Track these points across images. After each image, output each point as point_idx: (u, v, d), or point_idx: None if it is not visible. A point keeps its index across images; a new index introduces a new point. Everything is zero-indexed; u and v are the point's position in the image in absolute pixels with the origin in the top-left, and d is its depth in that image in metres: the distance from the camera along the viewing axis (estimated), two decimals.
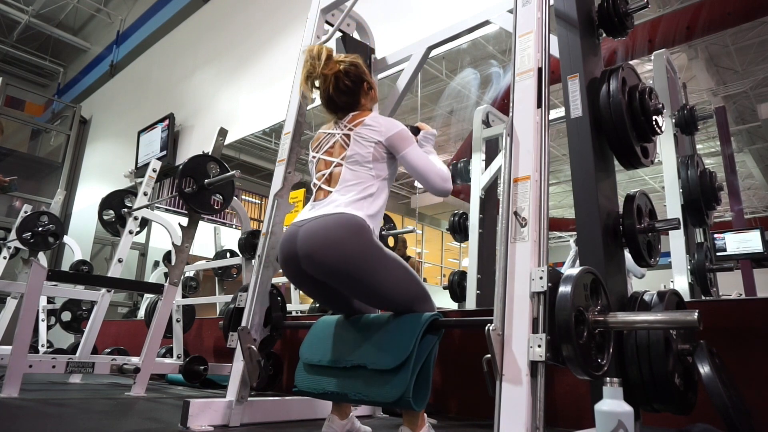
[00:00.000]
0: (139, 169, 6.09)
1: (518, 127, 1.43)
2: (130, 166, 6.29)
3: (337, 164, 1.61)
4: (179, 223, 3.03)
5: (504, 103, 4.89)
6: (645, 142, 1.65)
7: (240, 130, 5.08)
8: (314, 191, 1.65)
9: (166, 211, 7.32)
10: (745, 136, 8.06)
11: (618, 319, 1.28)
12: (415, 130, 1.74)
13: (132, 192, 3.84)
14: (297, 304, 4.18)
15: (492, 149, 3.53)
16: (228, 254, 4.48)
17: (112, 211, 3.73)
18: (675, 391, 1.32)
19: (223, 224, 7.70)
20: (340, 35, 2.51)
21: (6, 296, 4.17)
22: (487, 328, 1.24)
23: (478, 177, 3.46)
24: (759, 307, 1.78)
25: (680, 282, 2.71)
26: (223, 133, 3.33)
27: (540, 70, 1.45)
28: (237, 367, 1.92)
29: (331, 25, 2.41)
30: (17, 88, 9.06)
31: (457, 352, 2.42)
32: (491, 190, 3.46)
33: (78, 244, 5.60)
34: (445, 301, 4.09)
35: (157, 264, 6.74)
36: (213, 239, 5.12)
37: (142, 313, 4.83)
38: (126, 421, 1.85)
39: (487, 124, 3.57)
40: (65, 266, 6.57)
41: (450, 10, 3.17)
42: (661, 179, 3.27)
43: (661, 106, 1.64)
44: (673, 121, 3.00)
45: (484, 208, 3.42)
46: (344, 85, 1.67)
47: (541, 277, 1.25)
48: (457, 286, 3.70)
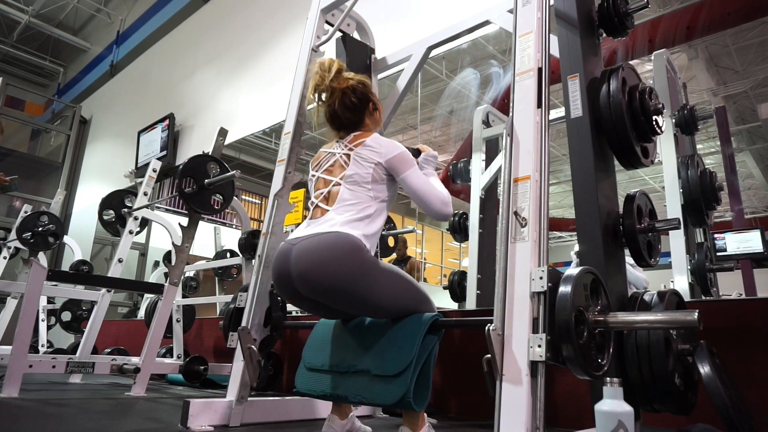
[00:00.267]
0: (139, 169, 6.09)
1: (518, 127, 1.43)
2: (130, 166, 6.28)
3: (336, 183, 1.58)
4: (179, 223, 3.03)
5: (504, 103, 4.90)
6: (645, 142, 1.65)
7: (240, 130, 5.08)
8: (311, 209, 1.63)
9: (166, 211, 7.33)
10: (746, 136, 8.06)
11: (618, 319, 1.28)
12: (416, 152, 1.72)
13: (132, 192, 3.84)
14: None
15: (492, 149, 3.53)
16: (228, 254, 4.48)
17: (112, 211, 3.73)
18: (675, 391, 1.32)
19: (223, 224, 7.71)
20: (340, 35, 2.51)
21: (6, 296, 4.17)
22: (487, 328, 1.24)
23: (478, 177, 3.46)
24: (759, 307, 1.78)
25: (680, 282, 2.71)
26: (223, 133, 3.32)
27: (540, 70, 1.45)
28: (237, 367, 1.92)
29: (331, 25, 2.41)
30: (17, 88, 9.06)
31: (458, 352, 2.42)
32: (491, 190, 3.46)
33: (78, 244, 5.60)
34: (445, 301, 4.09)
35: (157, 264, 6.74)
36: (213, 239, 5.12)
37: (142, 313, 4.83)
38: (126, 421, 1.85)
39: (487, 124, 3.57)
40: (65, 266, 6.57)
41: (450, 10, 3.17)
42: (661, 179, 3.27)
43: (661, 106, 1.64)
44: (673, 121, 3.00)
45: (484, 208, 3.42)
46: (350, 102, 1.66)
47: (541, 277, 1.25)
48: (457, 286, 3.70)
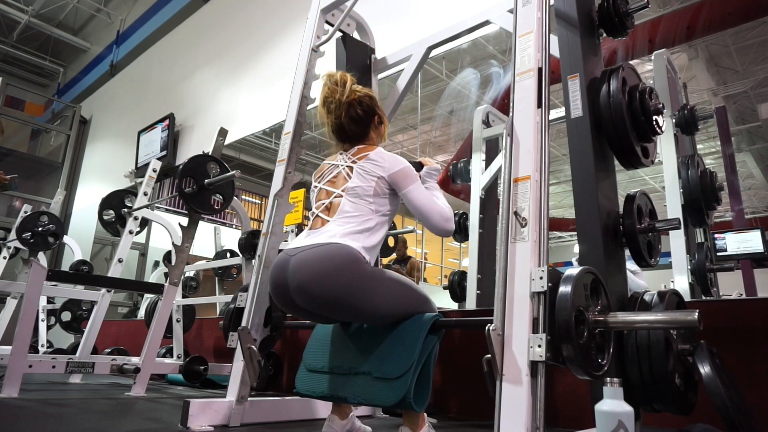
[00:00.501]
0: (139, 169, 6.09)
1: (518, 127, 1.43)
2: (130, 166, 6.29)
3: (338, 195, 1.58)
4: (179, 223, 3.03)
5: (504, 103, 4.90)
6: (645, 142, 1.65)
7: (240, 130, 5.08)
8: (311, 219, 1.62)
9: (166, 211, 7.34)
10: (746, 136, 8.06)
11: (618, 319, 1.28)
12: (418, 166, 1.72)
13: (132, 192, 3.84)
14: None
15: (492, 149, 3.53)
16: (228, 254, 4.48)
17: (112, 211, 3.73)
18: (675, 391, 1.32)
19: (223, 224, 7.71)
20: (340, 35, 2.51)
21: (6, 296, 4.17)
22: (487, 328, 1.24)
23: (478, 177, 3.46)
24: (759, 307, 1.78)
25: (680, 282, 2.71)
26: (223, 133, 3.32)
27: (540, 70, 1.45)
28: (237, 367, 1.92)
29: (331, 25, 2.41)
30: (17, 88, 9.07)
31: (458, 352, 2.42)
32: (491, 190, 3.46)
33: (78, 244, 5.59)
34: (445, 301, 4.09)
35: (157, 264, 6.74)
36: (213, 239, 5.12)
37: (142, 313, 4.83)
38: (126, 421, 1.85)
39: (487, 124, 3.57)
40: (65, 266, 6.57)
41: (450, 10, 3.17)
42: (661, 179, 3.27)
43: (661, 106, 1.64)
44: (674, 121, 3.00)
45: (484, 208, 3.42)
46: (356, 114, 1.66)
47: (541, 277, 1.25)
48: (457, 286, 3.70)
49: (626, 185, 8.63)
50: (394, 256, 4.81)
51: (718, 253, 3.29)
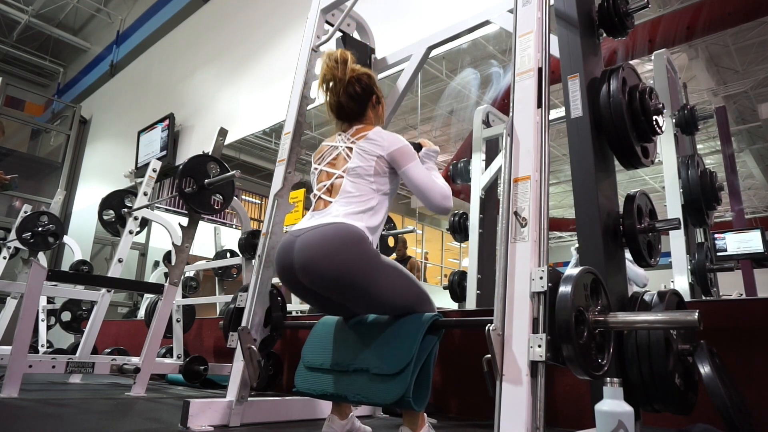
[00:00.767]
0: (139, 169, 6.09)
1: (518, 127, 1.43)
2: (130, 166, 6.29)
3: (339, 176, 1.60)
4: (179, 223, 3.03)
5: (504, 103, 4.89)
6: (645, 142, 1.65)
7: (240, 130, 5.08)
8: (314, 201, 1.64)
9: (166, 211, 7.33)
10: (746, 136, 8.06)
11: (618, 319, 1.28)
12: (417, 147, 1.73)
13: (132, 192, 3.84)
14: (297, 304, 4.18)
15: (492, 149, 3.53)
16: (228, 254, 4.48)
17: (112, 211, 3.73)
18: (675, 391, 1.32)
19: (223, 224, 7.71)
20: (340, 35, 2.51)
21: (6, 296, 4.17)
22: (487, 328, 1.24)
23: (478, 177, 3.46)
24: (759, 307, 1.78)
25: (680, 282, 2.71)
26: (223, 133, 3.32)
27: (540, 70, 1.45)
28: (237, 367, 1.92)
29: (331, 25, 2.41)
30: (17, 88, 9.07)
31: (457, 352, 2.42)
32: (491, 190, 3.46)
33: (78, 244, 5.59)
34: (445, 301, 4.09)
35: (157, 264, 6.74)
36: (213, 239, 5.12)
37: (142, 313, 4.83)
38: (126, 421, 1.85)
39: (487, 124, 3.57)
40: (65, 266, 6.57)
41: (450, 10, 3.17)
42: (661, 179, 3.27)
43: (661, 106, 1.64)
44: (674, 121, 3.00)
45: (484, 208, 3.42)
46: (354, 91, 1.67)
47: (542, 277, 1.25)
48: (457, 286, 3.70)
49: (626, 185, 8.63)
50: (394, 256, 4.81)
51: (718, 253, 3.29)
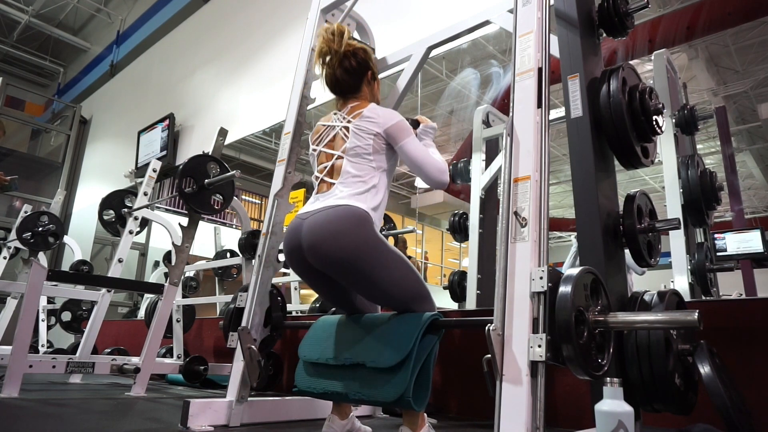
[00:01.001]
0: (139, 169, 6.09)
1: (518, 127, 1.43)
2: (130, 166, 6.29)
3: (338, 157, 1.62)
4: (179, 223, 3.03)
5: (504, 103, 4.90)
6: (645, 142, 1.65)
7: (240, 130, 5.08)
8: (316, 184, 1.66)
9: (166, 211, 7.33)
10: (746, 136, 8.06)
11: (618, 319, 1.28)
12: (415, 123, 1.75)
13: (132, 192, 3.84)
14: (297, 304, 4.18)
15: (492, 149, 3.53)
16: (228, 254, 4.48)
17: (112, 211, 3.73)
18: (675, 391, 1.32)
19: (223, 224, 7.71)
20: None
21: (6, 296, 4.17)
22: (487, 328, 1.24)
23: (478, 177, 3.46)
24: (759, 307, 1.78)
25: (680, 282, 2.71)
26: (223, 133, 3.32)
27: (540, 70, 1.45)
28: (237, 367, 1.92)
29: None
30: (17, 88, 9.06)
31: (457, 352, 2.42)
32: (491, 190, 3.46)
33: (78, 244, 5.59)
34: (445, 301, 4.09)
35: (157, 264, 6.74)
36: (213, 239, 5.12)
37: (142, 313, 4.83)
38: (126, 421, 1.85)
39: (487, 124, 3.57)
40: (65, 266, 6.57)
41: (450, 10, 3.17)
42: (661, 179, 3.27)
43: (661, 106, 1.64)
44: (674, 121, 3.00)
45: (484, 208, 3.42)
46: (349, 64, 1.69)
47: (542, 277, 1.25)
48: (457, 286, 3.70)
49: (626, 185, 8.62)
50: None
51: (718, 253, 3.29)
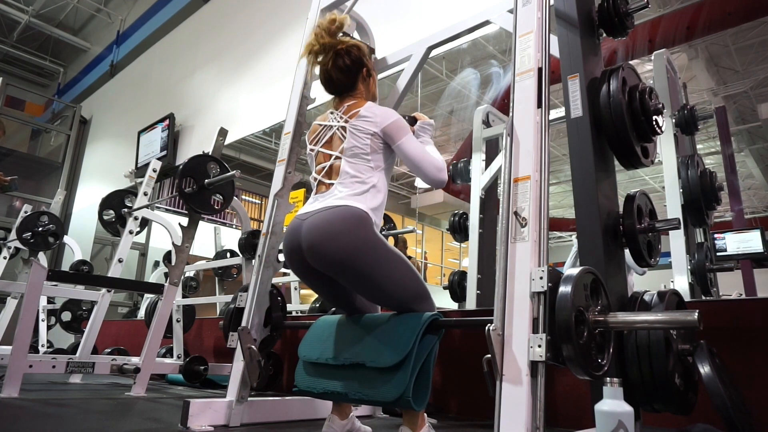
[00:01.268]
0: (139, 169, 6.09)
1: (518, 127, 1.43)
2: (130, 166, 6.28)
3: (336, 157, 1.62)
4: (179, 223, 3.03)
5: (504, 103, 4.90)
6: (645, 142, 1.65)
7: (240, 130, 5.08)
8: (315, 185, 1.66)
9: (166, 211, 7.34)
10: (746, 136, 8.06)
11: (618, 319, 1.28)
12: (412, 120, 1.74)
13: (132, 192, 3.84)
14: (297, 304, 4.18)
15: (492, 149, 3.53)
16: (228, 254, 4.48)
17: (112, 211, 3.73)
18: (675, 391, 1.32)
19: (223, 224, 7.71)
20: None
21: (6, 296, 4.17)
22: (487, 328, 1.24)
23: (478, 177, 3.46)
24: (759, 307, 1.78)
25: (680, 282, 2.71)
26: (223, 133, 3.32)
27: (540, 70, 1.45)
28: (237, 367, 1.92)
29: None
30: (17, 88, 9.06)
31: (457, 352, 2.42)
32: (491, 190, 3.46)
33: (78, 244, 5.60)
34: (445, 301, 4.09)
35: (157, 264, 6.74)
36: (213, 239, 5.12)
37: (142, 313, 4.83)
38: (126, 421, 1.85)
39: (487, 124, 3.57)
40: (65, 266, 6.56)
41: (450, 10, 3.17)
42: (661, 179, 3.27)
43: (661, 106, 1.64)
44: (674, 121, 3.00)
45: (484, 208, 3.42)
46: (343, 63, 1.68)
47: (542, 277, 1.25)
48: (457, 286, 3.70)
49: (626, 185, 8.62)
50: None
51: (718, 253, 3.29)
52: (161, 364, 3.39)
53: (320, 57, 1.70)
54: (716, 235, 3.36)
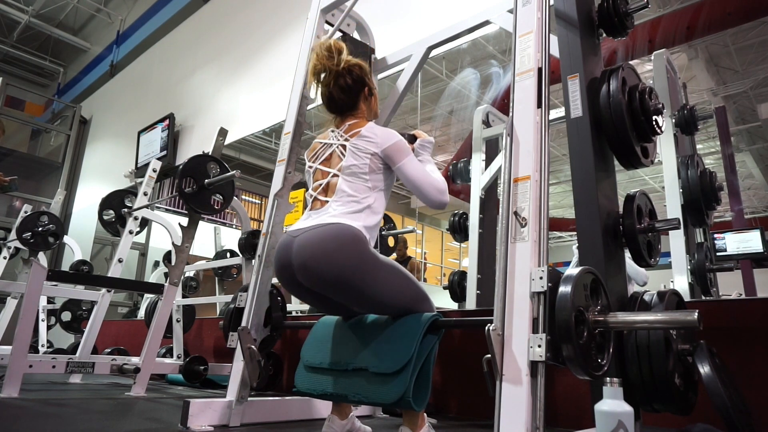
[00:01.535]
0: (139, 169, 6.09)
1: (518, 127, 1.43)
2: (130, 166, 6.29)
3: (334, 175, 1.59)
4: (179, 223, 3.03)
5: (504, 103, 4.90)
6: (645, 142, 1.65)
7: (240, 130, 5.08)
8: (310, 201, 1.64)
9: (166, 211, 7.33)
10: (745, 136, 8.06)
11: (618, 319, 1.28)
12: (412, 138, 1.71)
13: (132, 192, 3.84)
14: (297, 304, 4.18)
15: (492, 149, 3.53)
16: (228, 254, 4.48)
17: (112, 211, 3.73)
18: (675, 391, 1.32)
19: (223, 224, 7.70)
20: (340, 35, 2.51)
21: (6, 296, 4.17)
22: (487, 328, 1.24)
23: (478, 177, 3.46)
24: (759, 307, 1.78)
25: (680, 282, 2.71)
26: (223, 133, 3.32)
27: (540, 70, 1.45)
28: (237, 367, 1.92)
29: (331, 25, 2.41)
30: (17, 88, 9.06)
31: (457, 352, 2.42)
32: (491, 190, 3.46)
33: (78, 244, 5.60)
34: (445, 301, 4.09)
35: (157, 264, 6.74)
36: (213, 239, 5.12)
37: (142, 313, 4.83)
38: (126, 421, 1.85)
39: (487, 124, 3.57)
40: (65, 266, 6.57)
41: (450, 10, 3.17)
42: (661, 179, 3.27)
43: (661, 106, 1.64)
44: (673, 121, 3.00)
45: (484, 208, 3.42)
46: (344, 82, 1.66)
47: (541, 277, 1.25)
48: (457, 286, 3.70)
49: (626, 185, 8.62)
50: (395, 256, 4.81)
51: (718, 253, 3.29)
52: (161, 364, 3.39)
53: (322, 76, 1.68)
54: (716, 235, 3.37)
